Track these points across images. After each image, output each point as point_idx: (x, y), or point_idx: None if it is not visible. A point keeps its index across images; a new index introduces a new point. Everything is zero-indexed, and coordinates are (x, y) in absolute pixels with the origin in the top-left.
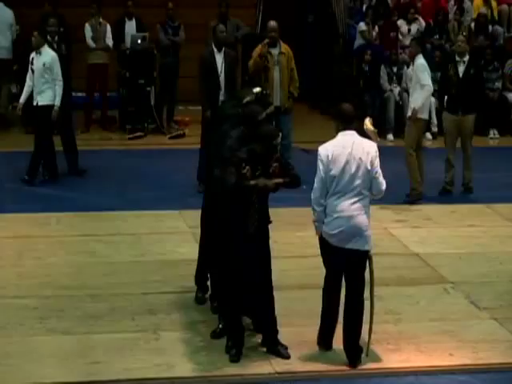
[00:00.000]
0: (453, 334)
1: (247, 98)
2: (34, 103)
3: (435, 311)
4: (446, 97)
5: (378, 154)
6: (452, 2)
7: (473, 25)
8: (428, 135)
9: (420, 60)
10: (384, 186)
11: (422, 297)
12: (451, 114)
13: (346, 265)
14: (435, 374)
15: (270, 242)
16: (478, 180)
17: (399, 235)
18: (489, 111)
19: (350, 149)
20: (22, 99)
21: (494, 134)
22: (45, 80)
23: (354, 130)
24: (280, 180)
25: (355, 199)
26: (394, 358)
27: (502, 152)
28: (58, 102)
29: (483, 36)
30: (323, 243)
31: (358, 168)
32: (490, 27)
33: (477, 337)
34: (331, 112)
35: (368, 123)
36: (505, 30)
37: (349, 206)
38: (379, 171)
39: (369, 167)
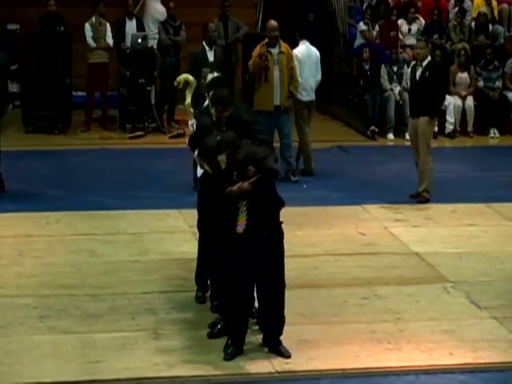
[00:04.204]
0: (453, 334)
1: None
2: None
3: (435, 310)
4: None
5: None
6: (452, 2)
7: (473, 24)
8: None
9: (296, 48)
10: None
11: (422, 296)
12: (410, 117)
13: None
14: (435, 373)
15: None
16: (478, 179)
17: (399, 235)
18: (489, 110)
19: None
20: None
21: (495, 134)
22: None
23: None
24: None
25: None
26: (393, 357)
27: (502, 151)
28: None
29: (483, 35)
30: None
31: None
32: (491, 26)
33: (477, 336)
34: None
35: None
36: (505, 29)
37: None
38: None
39: None
